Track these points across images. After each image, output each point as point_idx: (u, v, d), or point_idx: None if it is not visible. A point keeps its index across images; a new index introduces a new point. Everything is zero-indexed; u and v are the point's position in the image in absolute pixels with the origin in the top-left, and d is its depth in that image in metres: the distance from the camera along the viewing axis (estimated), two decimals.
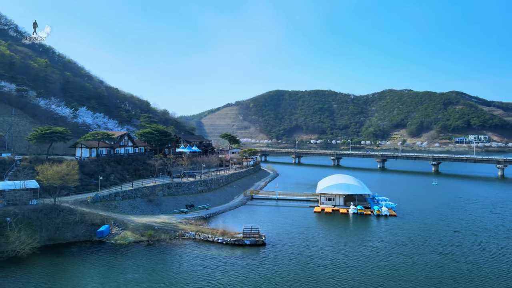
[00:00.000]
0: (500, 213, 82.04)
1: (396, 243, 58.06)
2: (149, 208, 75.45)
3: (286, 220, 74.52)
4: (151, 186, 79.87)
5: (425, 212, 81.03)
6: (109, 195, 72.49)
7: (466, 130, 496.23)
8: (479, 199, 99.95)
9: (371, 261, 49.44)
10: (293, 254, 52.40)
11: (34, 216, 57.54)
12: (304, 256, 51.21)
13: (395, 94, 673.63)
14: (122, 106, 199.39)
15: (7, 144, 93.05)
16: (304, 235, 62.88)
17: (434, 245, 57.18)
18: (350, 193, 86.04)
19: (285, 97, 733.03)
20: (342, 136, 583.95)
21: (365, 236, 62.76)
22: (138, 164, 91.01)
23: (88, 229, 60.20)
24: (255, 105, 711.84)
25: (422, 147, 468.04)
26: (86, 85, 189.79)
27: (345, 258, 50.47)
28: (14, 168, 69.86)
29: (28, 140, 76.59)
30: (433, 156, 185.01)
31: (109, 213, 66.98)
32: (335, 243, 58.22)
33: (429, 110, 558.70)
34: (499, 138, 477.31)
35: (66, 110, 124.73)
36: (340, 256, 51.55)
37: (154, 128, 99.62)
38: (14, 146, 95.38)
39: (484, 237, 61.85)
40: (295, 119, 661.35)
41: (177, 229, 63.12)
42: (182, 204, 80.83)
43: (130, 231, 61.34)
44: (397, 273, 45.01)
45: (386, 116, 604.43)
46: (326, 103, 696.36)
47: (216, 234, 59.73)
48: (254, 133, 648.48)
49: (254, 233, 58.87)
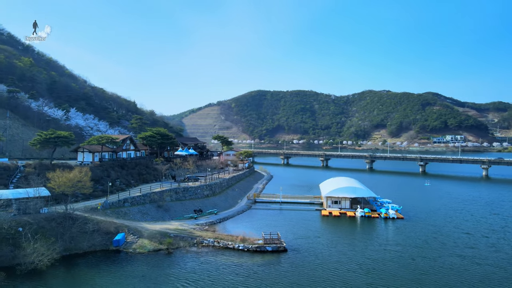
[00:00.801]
0: (500, 213, 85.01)
1: (414, 246, 59.12)
2: (159, 214, 73.93)
3: (297, 224, 74.56)
4: (159, 191, 78.23)
5: (430, 214, 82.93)
6: (118, 202, 70.54)
7: (443, 130, 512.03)
8: (475, 200, 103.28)
9: (398, 265, 50.13)
10: (319, 259, 52.47)
11: (48, 226, 55.24)
12: (330, 262, 51.36)
13: (375, 94, 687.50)
14: (109, 107, 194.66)
15: (2, 148, 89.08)
16: (321, 239, 63.17)
17: (452, 247, 58.58)
18: (356, 196, 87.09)
19: (267, 97, 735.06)
20: (324, 136, 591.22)
21: (381, 239, 63.58)
22: (142, 168, 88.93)
23: (104, 238, 58.34)
24: (237, 105, 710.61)
25: (402, 147, 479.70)
26: (72, 85, 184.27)
27: (371, 263, 50.95)
28: (18, 174, 66.89)
29: (31, 145, 73.46)
30: (420, 157, 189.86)
31: (122, 221, 65.16)
32: (355, 247, 58.69)
33: (408, 110, 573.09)
34: (474, 138, 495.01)
35: (59, 112, 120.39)
36: (365, 260, 52.02)
37: (155, 131, 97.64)
38: (8, 150, 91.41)
39: (495, 239, 63.87)
40: (277, 119, 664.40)
41: (194, 236, 62.05)
42: (190, 209, 79.63)
43: (147, 239, 59.84)
44: (427, 277, 45.80)
45: (367, 116, 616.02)
46: (308, 104, 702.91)
47: (236, 241, 59.10)
48: (236, 133, 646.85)
49: (274, 239, 58.61)
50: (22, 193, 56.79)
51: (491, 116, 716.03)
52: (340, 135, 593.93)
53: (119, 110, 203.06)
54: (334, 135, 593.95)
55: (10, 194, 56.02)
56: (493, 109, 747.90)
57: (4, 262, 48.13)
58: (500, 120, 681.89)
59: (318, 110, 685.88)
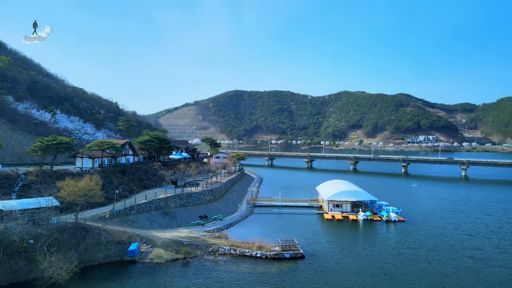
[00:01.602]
0: (492, 214, 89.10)
1: (426, 249, 60.96)
2: (166, 221, 72.61)
3: (304, 229, 75.18)
4: (164, 198, 76.79)
5: (428, 216, 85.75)
6: (124, 209, 68.74)
7: (417, 130, 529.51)
8: (464, 201, 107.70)
9: (417, 269, 51.54)
10: (339, 265, 53.18)
11: (62, 237, 53.09)
12: (351, 267, 52.11)
13: (350, 95, 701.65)
14: (92, 108, 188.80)
15: None
16: (334, 244, 64.07)
17: (460, 250, 60.86)
18: (357, 199, 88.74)
19: (244, 97, 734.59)
20: (302, 137, 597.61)
21: (392, 243, 65.10)
22: (142, 174, 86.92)
23: (118, 249, 56.69)
24: (214, 105, 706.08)
25: (378, 147, 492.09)
26: (53, 85, 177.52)
27: (392, 267, 52.17)
28: (20, 183, 63.89)
29: (31, 151, 70.16)
30: (403, 158, 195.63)
31: (131, 229, 63.50)
32: (370, 251, 59.84)
33: (383, 111, 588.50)
34: (445, 138, 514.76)
35: (46, 115, 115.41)
36: (385, 265, 53.18)
37: (153, 136, 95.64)
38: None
39: (496, 240, 66.90)
40: (255, 119, 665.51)
41: (209, 244, 61.32)
42: (195, 215, 78.69)
43: (161, 248, 58.64)
44: (449, 281, 47.39)
45: (343, 117, 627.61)
46: (285, 104, 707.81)
47: (253, 248, 58.91)
48: (214, 134, 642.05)
49: (291, 246, 58.90)
50: (33, 203, 54.37)
51: (459, 117, 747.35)
52: (318, 135, 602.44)
53: (102, 111, 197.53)
54: (312, 135, 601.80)
55: (20, 204, 53.44)
56: (460, 110, 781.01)
57: (20, 277, 46.00)
58: (467, 120, 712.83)
59: (296, 110, 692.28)
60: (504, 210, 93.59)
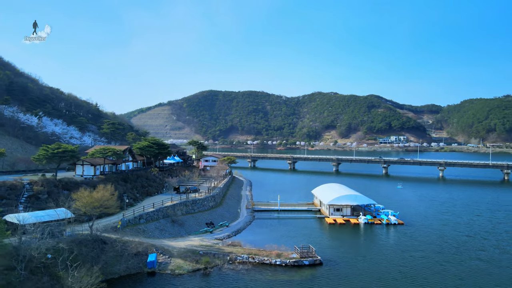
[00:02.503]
0: (482, 215, 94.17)
1: (434, 252, 63.65)
2: (175, 230, 71.71)
3: (311, 234, 76.51)
4: (171, 205, 75.77)
5: (424, 218, 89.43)
6: (133, 218, 67.32)
7: (388, 131, 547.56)
8: (451, 202, 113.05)
9: (433, 271, 53.77)
10: (359, 270, 54.55)
11: (81, 251, 51.42)
12: (372, 272, 53.54)
13: (324, 96, 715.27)
14: (70, 110, 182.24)
15: None
16: (346, 249, 65.56)
17: (466, 251, 64.06)
18: (357, 203, 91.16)
19: (219, 98, 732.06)
20: (277, 137, 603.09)
21: (400, 246, 67.36)
22: (143, 181, 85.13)
23: (136, 260, 55.53)
24: (188, 105, 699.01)
25: (352, 147, 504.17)
26: (29, 85, 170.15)
27: (410, 270, 54.11)
28: (25, 193, 61.19)
29: (35, 160, 67.06)
30: (384, 159, 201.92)
31: (144, 239, 62.35)
32: (383, 256, 61.70)
33: (355, 112, 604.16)
34: (415, 139, 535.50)
35: (33, 118, 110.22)
36: (403, 268, 55.11)
37: (151, 141, 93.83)
38: None
39: (494, 241, 70.82)
40: (230, 119, 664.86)
41: (226, 253, 61.19)
42: (201, 222, 78.16)
43: (179, 258, 57.98)
44: (465, 282, 49.88)
45: (317, 117, 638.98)
46: (260, 104, 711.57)
47: (272, 256, 59.37)
48: (189, 134, 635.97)
49: (309, 252, 59.90)
50: (48, 216, 52.35)
51: (426, 117, 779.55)
52: (293, 135, 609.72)
53: (80, 113, 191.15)
54: (287, 135, 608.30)
55: (36, 217, 51.26)
56: (427, 111, 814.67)
57: None
58: (434, 121, 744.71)
59: (270, 111, 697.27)
60: (491, 211, 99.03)
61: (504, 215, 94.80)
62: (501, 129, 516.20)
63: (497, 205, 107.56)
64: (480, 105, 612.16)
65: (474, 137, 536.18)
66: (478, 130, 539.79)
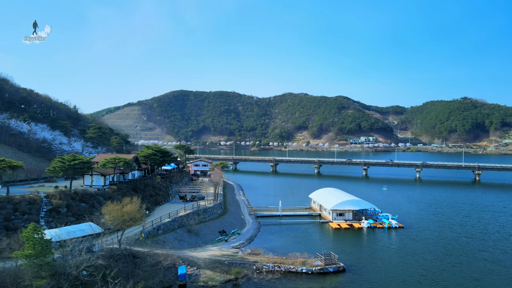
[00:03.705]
0: (470, 215, 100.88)
1: (443, 254, 67.82)
2: (192, 240, 71.82)
3: (321, 239, 79.22)
4: (185, 215, 75.78)
5: (420, 221, 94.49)
6: (152, 230, 66.95)
7: (358, 132, 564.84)
8: (437, 203, 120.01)
9: (449, 273, 57.48)
10: (382, 275, 57.39)
11: (115, 265, 50.81)
12: (395, 277, 56.54)
13: (295, 97, 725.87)
14: (47, 112, 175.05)
15: None
16: (361, 254, 68.46)
17: (471, 252, 68.88)
18: (359, 208, 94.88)
19: (190, 98, 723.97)
20: (250, 138, 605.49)
21: (410, 249, 71.01)
22: (151, 190, 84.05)
23: (167, 273, 55.53)
24: (159, 105, 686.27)
25: (324, 148, 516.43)
26: (5, 87, 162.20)
27: (429, 274, 57.50)
28: (44, 207, 59.37)
29: (49, 172, 64.70)
30: (364, 161, 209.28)
31: (168, 251, 62.24)
32: (398, 259, 65.03)
33: (326, 113, 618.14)
34: (383, 139, 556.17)
35: (24, 125, 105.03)
36: (422, 271, 58.48)
37: (155, 149, 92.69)
38: None
39: (491, 241, 76.36)
40: (202, 120, 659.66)
41: (251, 262, 62.23)
42: (214, 231, 78.62)
43: (207, 269, 58.45)
44: (480, 283, 54.11)
45: (289, 118, 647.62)
46: (232, 105, 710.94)
47: (297, 264, 61.17)
48: (160, 135, 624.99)
49: (332, 259, 62.20)
50: (80, 231, 51.33)
51: (391, 118, 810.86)
52: (266, 136, 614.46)
53: (60, 116, 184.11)
54: (260, 136, 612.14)
55: (68, 233, 50.10)
56: (392, 112, 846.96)
57: None
58: (399, 122, 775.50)
59: (242, 111, 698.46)
60: (476, 212, 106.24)
61: (489, 215, 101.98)
62: (461, 130, 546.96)
63: (480, 206, 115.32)
64: (441, 107, 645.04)
65: (437, 138, 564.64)
66: (440, 131, 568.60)
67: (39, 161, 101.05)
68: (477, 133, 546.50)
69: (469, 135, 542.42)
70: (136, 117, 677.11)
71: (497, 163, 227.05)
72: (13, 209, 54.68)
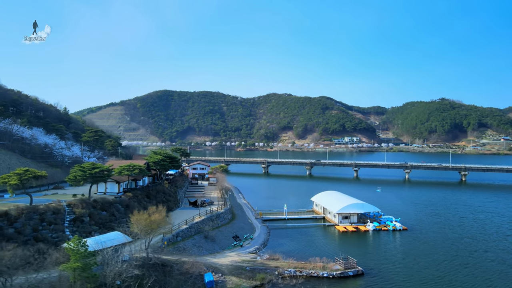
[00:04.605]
0: (466, 217, 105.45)
1: (451, 255, 71.09)
2: (210, 246, 72.70)
3: (330, 242, 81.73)
4: (200, 221, 76.48)
5: (421, 222, 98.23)
6: (172, 237, 67.38)
7: (342, 132, 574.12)
8: (432, 204, 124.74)
9: (463, 274, 60.57)
10: (400, 278, 59.88)
11: (150, 275, 51.38)
12: (413, 278, 59.17)
13: (279, 98, 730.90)
14: (38, 114, 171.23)
15: None
16: (375, 256, 70.95)
17: (476, 253, 72.55)
18: (364, 211, 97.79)
19: (174, 98, 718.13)
20: (235, 138, 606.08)
21: (419, 251, 73.94)
22: (163, 196, 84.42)
23: (195, 281, 56.38)
24: (142, 105, 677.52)
25: (310, 148, 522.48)
26: None
27: (445, 275, 60.40)
28: (67, 216, 59.20)
29: (70, 181, 64.22)
30: (355, 163, 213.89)
31: (190, 258, 63.05)
32: (412, 261, 67.67)
33: (311, 114, 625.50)
34: (367, 139, 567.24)
35: (27, 131, 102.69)
36: (437, 273, 61.30)
37: (164, 155, 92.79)
38: None
39: (492, 242, 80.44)
40: (187, 120, 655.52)
41: (271, 267, 63.73)
42: (228, 236, 79.69)
43: (232, 276, 59.60)
44: (494, 283, 57.43)
45: (274, 119, 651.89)
46: (216, 105, 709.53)
47: (317, 269, 63.09)
48: (144, 135, 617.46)
49: (351, 263, 64.41)
50: (111, 241, 51.63)
51: (373, 118, 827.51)
52: (251, 136, 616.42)
53: (51, 119, 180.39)
54: (246, 137, 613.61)
55: (98, 243, 50.28)
56: (373, 113, 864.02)
57: None
58: (380, 122, 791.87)
59: (227, 112, 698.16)
60: (471, 213, 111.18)
61: (483, 216, 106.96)
62: (441, 130, 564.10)
63: (473, 207, 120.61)
64: (421, 108, 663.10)
65: (418, 138, 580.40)
66: (421, 131, 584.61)
67: (42, 167, 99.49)
68: (456, 133, 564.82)
69: (448, 135, 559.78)
70: (119, 117, 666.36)
71: (478, 163, 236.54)
72: (39, 220, 54.39)
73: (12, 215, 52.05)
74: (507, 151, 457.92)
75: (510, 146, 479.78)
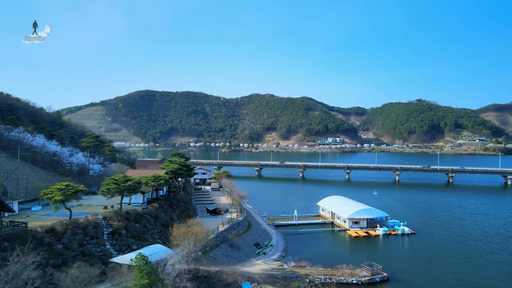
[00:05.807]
0: (465, 219, 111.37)
1: (463, 258, 75.78)
2: (236, 254, 74.53)
3: (346, 247, 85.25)
4: (224, 230, 78.17)
5: (427, 226, 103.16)
6: (202, 247, 69.05)
7: (325, 133, 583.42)
8: (430, 207, 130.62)
9: (479, 276, 64.92)
10: (425, 282, 63.60)
11: (199, 287, 53.08)
12: (437, 283, 63.26)
13: (262, 98, 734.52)
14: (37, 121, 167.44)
15: (9, 193, 74.32)
16: (394, 261, 74.65)
17: (485, 254, 77.60)
18: (373, 216, 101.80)
19: (157, 98, 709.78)
20: (220, 139, 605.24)
21: (433, 255, 78.17)
22: (182, 205, 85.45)
23: None
24: (124, 106, 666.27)
25: (294, 149, 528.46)
26: None
27: (464, 277, 64.67)
28: (105, 229, 59.86)
29: (103, 194, 64.51)
30: (347, 165, 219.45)
31: (224, 267, 64.82)
32: (430, 264, 71.73)
33: (294, 115, 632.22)
34: (349, 140, 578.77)
35: (38, 140, 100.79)
36: (457, 275, 65.59)
37: (181, 163, 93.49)
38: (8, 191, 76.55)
39: (496, 243, 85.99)
40: (170, 121, 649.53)
41: (302, 275, 66.13)
42: (250, 244, 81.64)
43: (268, 284, 61.67)
44: (506, 284, 62.09)
45: (258, 119, 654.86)
46: (199, 105, 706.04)
47: (346, 275, 66.10)
48: (127, 136, 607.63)
49: (376, 269, 67.73)
50: (157, 254, 52.73)
51: (353, 119, 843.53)
52: (235, 137, 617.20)
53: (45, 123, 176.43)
54: (230, 137, 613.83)
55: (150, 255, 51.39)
56: (354, 113, 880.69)
57: None
58: (360, 123, 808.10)
59: (210, 112, 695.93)
60: (468, 215, 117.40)
61: (480, 218, 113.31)
62: (420, 131, 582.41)
63: (468, 209, 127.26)
64: (400, 109, 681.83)
65: (398, 138, 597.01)
66: (401, 131, 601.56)
67: (52, 176, 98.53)
68: (434, 134, 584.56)
69: (427, 136, 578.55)
70: (100, 118, 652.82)
71: (459, 164, 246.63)
72: (83, 234, 54.93)
73: (58, 230, 52.45)
74: (482, 151, 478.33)
75: (485, 147, 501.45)
